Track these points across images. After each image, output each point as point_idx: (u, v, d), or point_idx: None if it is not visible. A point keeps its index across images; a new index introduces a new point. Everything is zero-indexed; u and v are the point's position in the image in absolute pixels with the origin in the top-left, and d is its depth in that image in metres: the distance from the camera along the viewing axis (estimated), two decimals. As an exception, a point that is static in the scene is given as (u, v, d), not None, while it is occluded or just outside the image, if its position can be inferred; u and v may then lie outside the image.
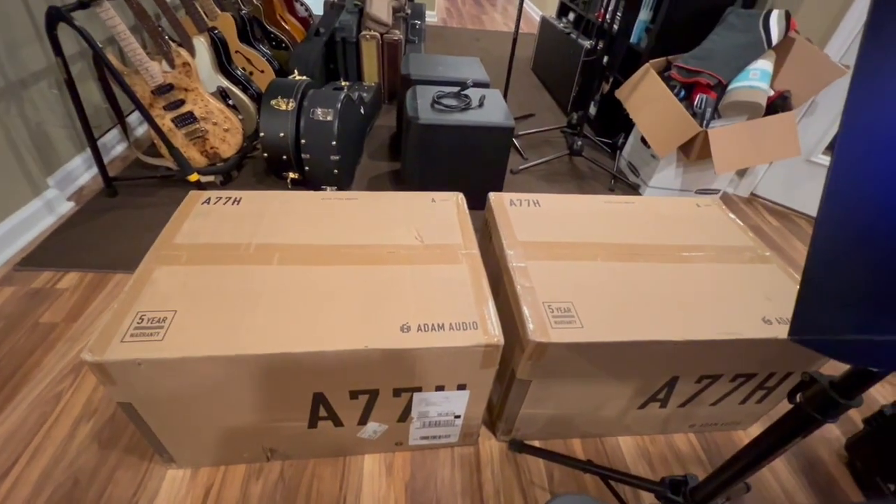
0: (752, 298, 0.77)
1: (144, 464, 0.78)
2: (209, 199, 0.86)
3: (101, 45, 1.16)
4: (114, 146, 1.60)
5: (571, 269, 0.79)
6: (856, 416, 1.00)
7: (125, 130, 1.46)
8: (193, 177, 1.35)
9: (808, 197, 1.68)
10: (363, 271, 0.73)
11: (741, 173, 1.76)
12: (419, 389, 0.71)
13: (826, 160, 1.60)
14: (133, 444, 0.81)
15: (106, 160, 1.54)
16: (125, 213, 1.34)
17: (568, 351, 0.68)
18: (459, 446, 0.86)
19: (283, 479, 0.79)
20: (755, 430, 0.95)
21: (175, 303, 0.64)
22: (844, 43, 1.39)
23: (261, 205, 0.85)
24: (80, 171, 1.46)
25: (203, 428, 0.70)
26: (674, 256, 0.84)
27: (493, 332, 0.66)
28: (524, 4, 1.76)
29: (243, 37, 1.74)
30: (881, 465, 0.83)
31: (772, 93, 1.43)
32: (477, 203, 0.89)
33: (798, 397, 0.45)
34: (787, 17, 1.41)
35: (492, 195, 0.95)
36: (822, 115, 1.53)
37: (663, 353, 0.72)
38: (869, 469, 0.86)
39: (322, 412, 0.72)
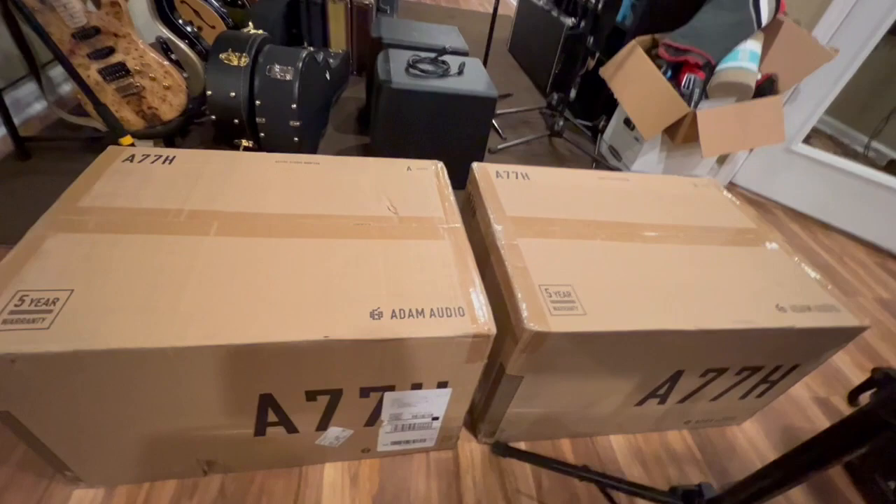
0: (763, 283, 0.70)
1: (43, 483, 0.63)
2: (133, 156, 0.70)
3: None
4: (30, 103, 1.37)
5: (569, 248, 0.69)
6: (847, 410, 0.96)
7: (40, 83, 1.23)
8: (126, 140, 1.15)
9: (786, 187, 1.67)
10: (324, 246, 0.60)
11: (721, 161, 1.73)
12: (392, 388, 0.59)
13: (806, 150, 1.58)
14: (28, 460, 0.64)
15: (21, 119, 1.31)
16: (38, 178, 1.13)
17: (569, 342, 0.58)
18: (436, 451, 0.75)
19: (224, 495, 0.66)
20: (749, 426, 0.89)
21: (72, 280, 0.49)
22: (832, 26, 1.36)
23: (200, 164, 0.70)
24: (-15, 130, 1.22)
25: (114, 438, 0.56)
26: (677, 238, 0.76)
27: (483, 320, 0.54)
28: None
29: (191, -14, 1.53)
30: (880, 462, 0.79)
31: (760, 75, 1.39)
32: (455, 181, 0.78)
33: (867, 398, 0.36)
34: (778, -3, 1.36)
35: (475, 165, 0.84)
36: (805, 102, 1.51)
37: (672, 345, 0.63)
38: (866, 466, 0.81)
39: (271, 417, 0.58)
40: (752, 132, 1.38)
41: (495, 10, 1.70)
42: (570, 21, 2.00)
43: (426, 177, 0.78)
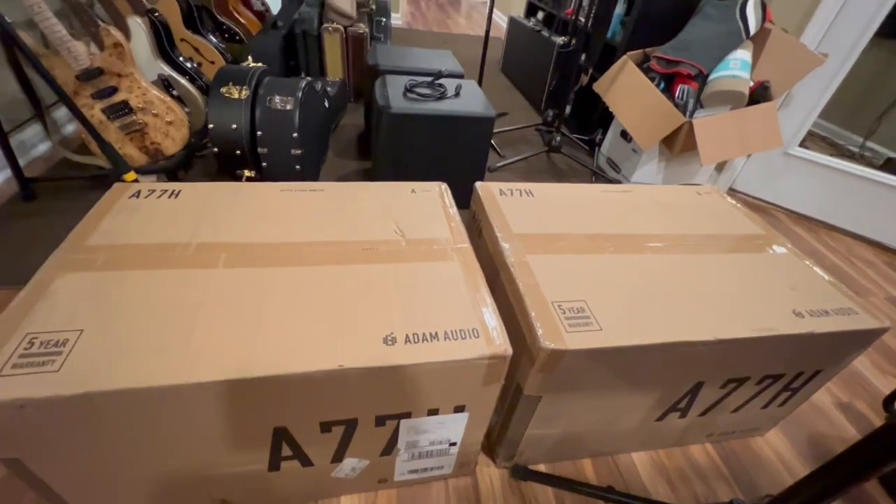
0: (777, 289, 0.69)
1: (52, 531, 0.61)
2: (139, 192, 0.70)
3: (18, 27, 0.97)
4: (35, 144, 1.39)
5: (578, 263, 0.68)
6: (871, 414, 0.94)
7: (45, 124, 1.25)
8: (130, 176, 1.16)
9: (786, 190, 1.67)
10: (333, 273, 0.59)
11: (720, 168, 1.74)
12: (408, 415, 0.57)
13: (803, 153, 1.59)
14: (37, 507, 0.63)
15: (26, 160, 1.33)
16: (44, 219, 1.14)
17: (588, 359, 0.57)
18: (454, 477, 0.73)
19: (238, 535, 0.63)
20: (773, 436, 0.87)
21: (82, 320, 0.48)
22: (820, 31, 1.39)
23: (205, 197, 0.70)
24: (-10, 173, 1.24)
25: (127, 481, 0.54)
26: (686, 247, 0.75)
27: (498, 340, 0.53)
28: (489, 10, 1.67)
29: (190, 24, 1.57)
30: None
31: (752, 83, 1.40)
32: (457, 201, 0.78)
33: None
34: (763, 6, 1.39)
35: (479, 185, 0.84)
36: (799, 107, 1.52)
37: (691, 356, 0.62)
38: (898, 472, 0.79)
39: (286, 451, 0.57)
40: (749, 138, 1.39)
41: (487, 32, 1.73)
42: (560, 40, 2.04)
43: (431, 198, 0.78)
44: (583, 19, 1.97)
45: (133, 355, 0.45)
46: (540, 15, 2.60)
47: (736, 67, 1.38)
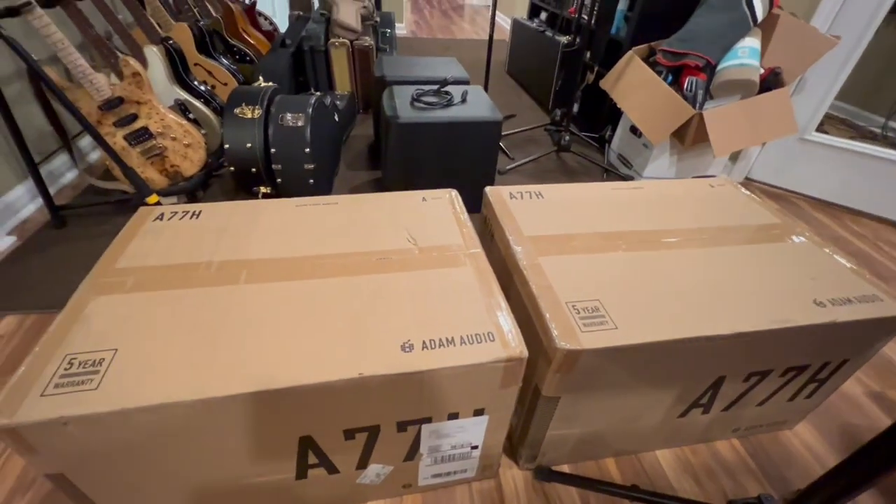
0: (796, 279, 0.68)
1: (95, 543, 0.63)
2: (162, 214, 0.73)
3: (43, 63, 1.03)
4: (63, 173, 1.45)
5: (592, 262, 0.68)
6: (905, 402, 0.91)
7: (71, 154, 1.31)
8: (152, 199, 1.21)
9: (804, 176, 1.63)
10: (350, 283, 0.61)
11: (734, 158, 1.71)
12: (428, 420, 0.59)
13: (821, 137, 1.56)
14: (80, 520, 0.65)
15: (55, 188, 1.40)
16: (74, 244, 1.19)
17: (604, 358, 0.57)
18: (477, 480, 0.74)
19: (270, 543, 0.65)
20: (803, 429, 0.85)
21: (115, 340, 0.51)
22: (831, 13, 1.36)
23: (224, 216, 0.73)
24: (24, 202, 1.30)
25: (162, 493, 0.56)
26: (701, 241, 0.75)
27: (514, 343, 0.54)
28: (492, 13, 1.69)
29: (202, 49, 1.63)
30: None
31: (762, 70, 1.38)
32: (468, 205, 0.79)
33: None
34: (770, -9, 1.37)
35: (489, 189, 0.85)
36: (813, 91, 1.49)
37: (710, 351, 0.61)
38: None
39: (312, 459, 0.59)
40: (762, 127, 1.36)
41: (491, 36, 1.75)
42: (564, 39, 2.04)
43: (441, 206, 0.79)
44: (586, 17, 1.97)
45: (164, 371, 0.48)
46: (543, 15, 2.60)
47: (744, 56, 1.36)
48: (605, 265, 0.68)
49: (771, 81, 1.38)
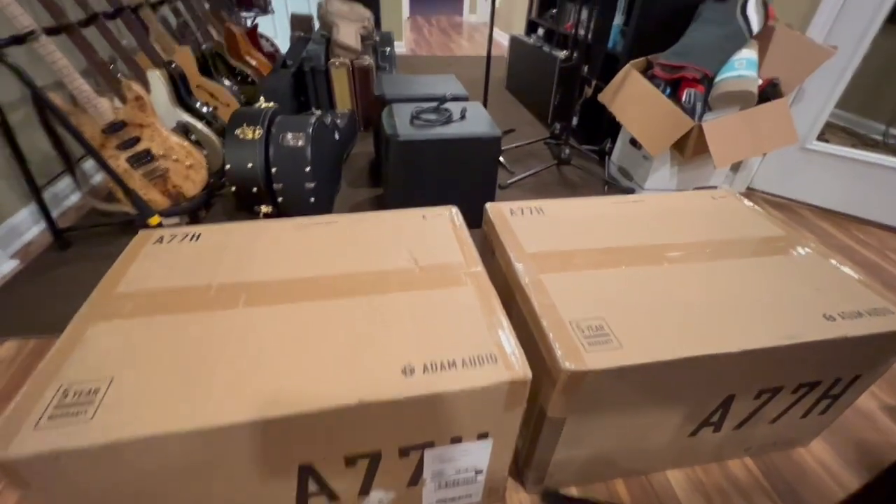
0: (803, 293, 0.67)
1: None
2: (162, 237, 0.73)
3: (48, 87, 1.05)
4: (67, 196, 1.47)
5: (594, 279, 0.67)
6: (921, 416, 0.89)
7: (74, 177, 1.32)
8: (154, 220, 1.21)
9: (807, 185, 1.63)
10: (349, 305, 0.60)
11: (735, 168, 1.70)
12: (431, 445, 0.57)
13: (822, 146, 1.55)
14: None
15: (59, 211, 1.41)
16: (77, 267, 1.19)
17: (609, 378, 0.56)
18: (483, 505, 0.72)
19: (271, 574, 0.63)
20: (817, 446, 0.83)
21: (112, 368, 0.50)
22: (826, 23, 1.37)
23: (223, 238, 0.73)
24: (27, 226, 1.31)
25: (160, 525, 0.55)
26: (705, 255, 0.74)
27: (517, 365, 0.53)
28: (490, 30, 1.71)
29: (205, 71, 1.65)
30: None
31: (760, 81, 1.39)
32: (469, 221, 0.79)
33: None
34: (765, 4, 1.38)
35: (489, 206, 0.84)
36: (812, 101, 1.49)
37: (718, 369, 0.60)
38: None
39: (312, 487, 0.57)
40: (762, 137, 1.36)
41: (489, 53, 1.77)
42: (562, 54, 2.06)
43: (442, 223, 0.79)
44: (583, 32, 1.99)
45: (159, 401, 0.47)
46: (540, 31, 2.64)
47: (742, 67, 1.37)
48: (608, 282, 0.67)
49: (769, 92, 1.38)
